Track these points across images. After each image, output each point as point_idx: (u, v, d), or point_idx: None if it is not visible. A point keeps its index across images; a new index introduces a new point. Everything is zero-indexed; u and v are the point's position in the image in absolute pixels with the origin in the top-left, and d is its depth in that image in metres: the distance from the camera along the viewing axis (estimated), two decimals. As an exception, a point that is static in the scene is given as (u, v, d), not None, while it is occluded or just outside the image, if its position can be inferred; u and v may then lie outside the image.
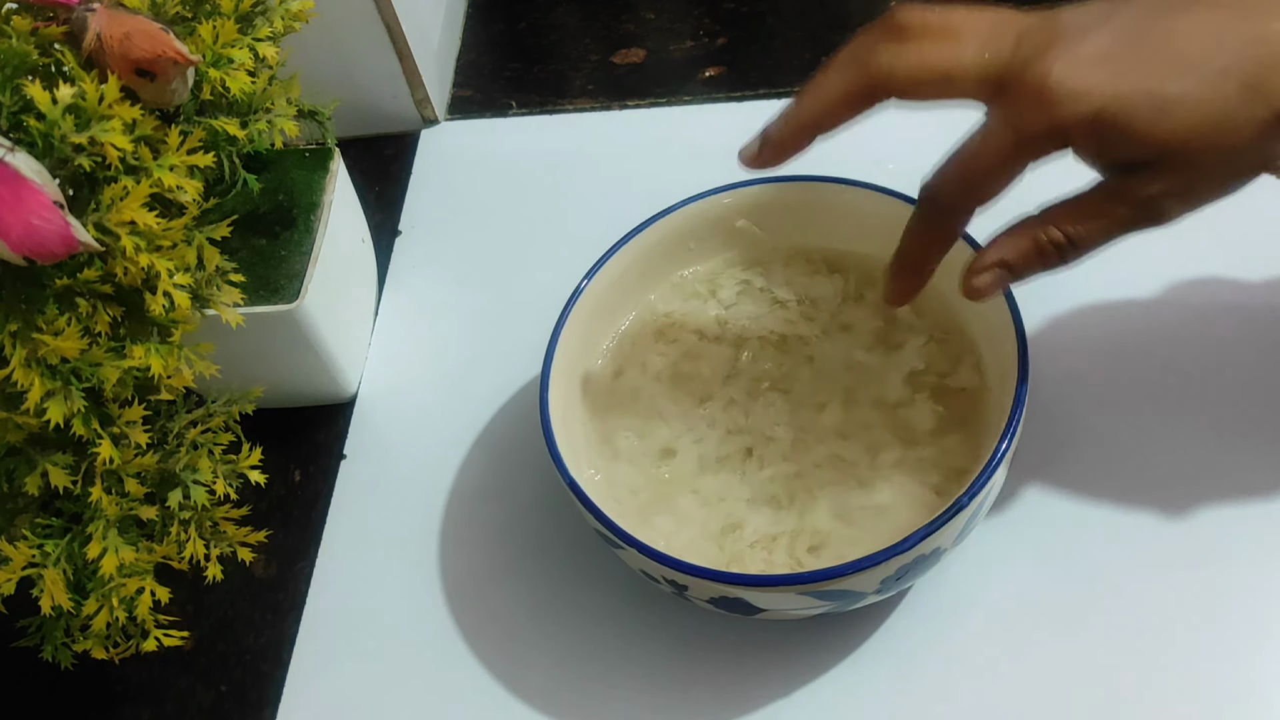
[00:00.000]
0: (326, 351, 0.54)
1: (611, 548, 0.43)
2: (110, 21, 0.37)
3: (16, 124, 0.36)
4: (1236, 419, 0.49)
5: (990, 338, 0.46)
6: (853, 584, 0.40)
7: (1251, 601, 0.45)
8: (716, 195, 0.50)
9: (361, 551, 0.52)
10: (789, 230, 0.51)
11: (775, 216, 0.51)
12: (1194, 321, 0.52)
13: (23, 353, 0.36)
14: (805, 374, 0.49)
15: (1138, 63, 0.35)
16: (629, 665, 0.47)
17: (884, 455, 0.46)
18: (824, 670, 0.46)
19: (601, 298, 0.49)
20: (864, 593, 0.41)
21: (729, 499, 0.46)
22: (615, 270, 0.49)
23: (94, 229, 0.36)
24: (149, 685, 0.50)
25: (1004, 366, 0.44)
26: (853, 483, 0.45)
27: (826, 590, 0.40)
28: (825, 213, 0.50)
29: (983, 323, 0.46)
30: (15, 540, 0.40)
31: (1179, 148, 0.35)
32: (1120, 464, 0.49)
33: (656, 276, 0.52)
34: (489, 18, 0.74)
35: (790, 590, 0.39)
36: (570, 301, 0.48)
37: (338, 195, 0.55)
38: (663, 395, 0.49)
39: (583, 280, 0.48)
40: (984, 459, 0.40)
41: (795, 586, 0.39)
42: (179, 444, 0.43)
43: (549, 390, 0.45)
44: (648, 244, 0.50)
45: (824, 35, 0.68)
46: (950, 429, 0.46)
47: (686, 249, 0.51)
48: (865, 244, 0.50)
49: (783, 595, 0.40)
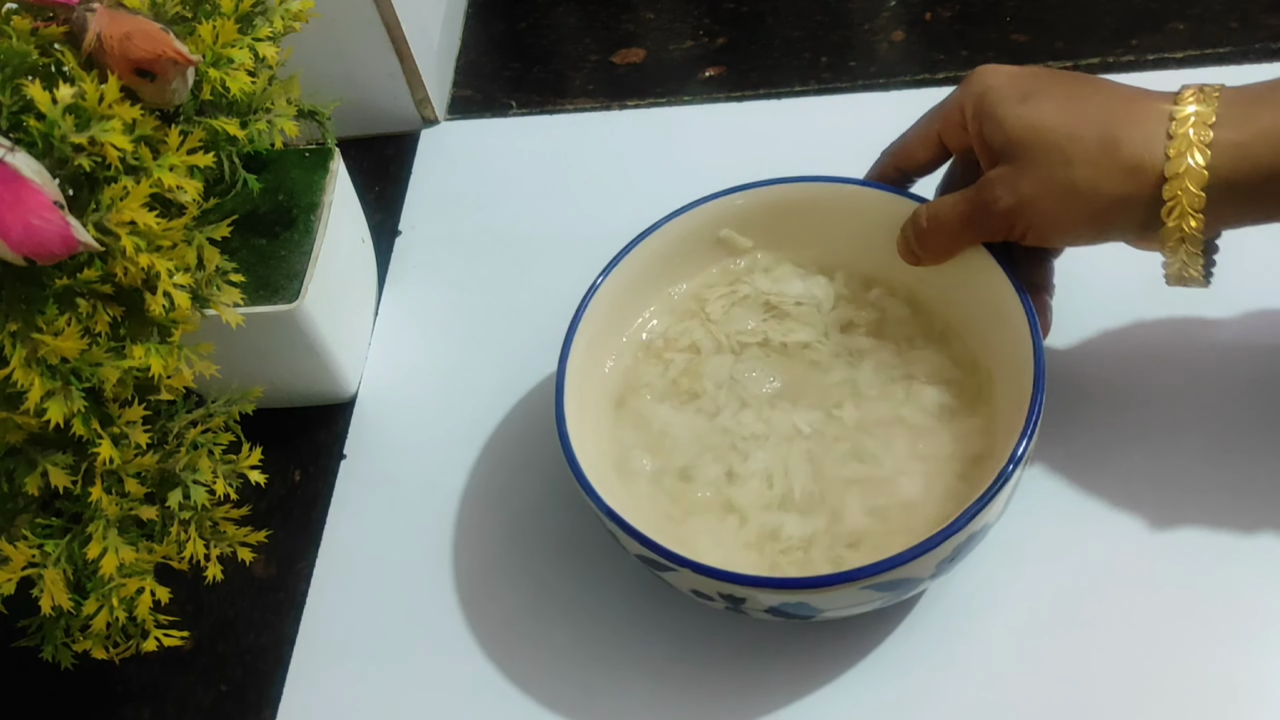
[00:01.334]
0: (326, 351, 0.54)
1: (657, 571, 0.43)
2: (110, 21, 0.37)
3: (16, 124, 0.36)
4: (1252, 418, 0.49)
5: (992, 323, 0.46)
6: (911, 571, 0.40)
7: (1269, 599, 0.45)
8: (697, 208, 0.50)
9: (361, 551, 0.52)
10: (773, 235, 0.51)
11: (757, 223, 0.51)
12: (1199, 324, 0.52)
13: (23, 352, 0.36)
14: (811, 377, 0.49)
15: (1038, 82, 0.42)
16: (629, 666, 0.47)
17: (901, 448, 0.46)
18: (838, 673, 0.46)
19: (597, 326, 0.48)
20: (920, 579, 0.41)
21: (757, 508, 0.45)
22: (605, 299, 0.48)
23: (94, 229, 0.36)
24: (149, 685, 0.50)
25: (1006, 349, 0.44)
26: (877, 479, 0.45)
27: (887, 581, 0.40)
28: (806, 214, 0.50)
29: (983, 310, 0.46)
30: (15, 540, 0.40)
31: (1027, 135, 0.40)
32: (1128, 456, 0.49)
33: (647, 297, 0.51)
34: (489, 18, 0.74)
35: (854, 586, 0.40)
36: (569, 337, 0.47)
37: (338, 195, 0.55)
38: (670, 414, 0.49)
39: (576, 313, 0.47)
40: (1000, 442, 0.41)
41: (859, 581, 0.39)
42: (179, 444, 0.43)
43: (566, 421, 0.44)
44: (632, 268, 0.49)
45: (823, 35, 0.68)
46: (961, 415, 0.46)
47: (673, 266, 0.51)
48: (850, 241, 0.50)
49: (845, 593, 0.40)
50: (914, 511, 0.44)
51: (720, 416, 0.48)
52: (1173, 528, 0.47)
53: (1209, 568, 0.45)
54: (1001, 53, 0.64)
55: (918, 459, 0.45)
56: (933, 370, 0.48)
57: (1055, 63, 0.63)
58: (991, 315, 0.46)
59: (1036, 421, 0.41)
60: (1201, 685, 0.43)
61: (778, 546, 0.44)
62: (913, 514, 0.44)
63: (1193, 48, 0.62)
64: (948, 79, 0.64)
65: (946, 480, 0.45)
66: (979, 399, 0.46)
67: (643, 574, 0.49)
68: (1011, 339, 0.44)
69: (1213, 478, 0.48)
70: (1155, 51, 0.63)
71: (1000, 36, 0.65)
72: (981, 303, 0.46)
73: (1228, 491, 0.47)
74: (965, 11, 0.67)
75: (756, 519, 0.45)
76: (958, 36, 0.66)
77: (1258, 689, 0.43)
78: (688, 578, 0.41)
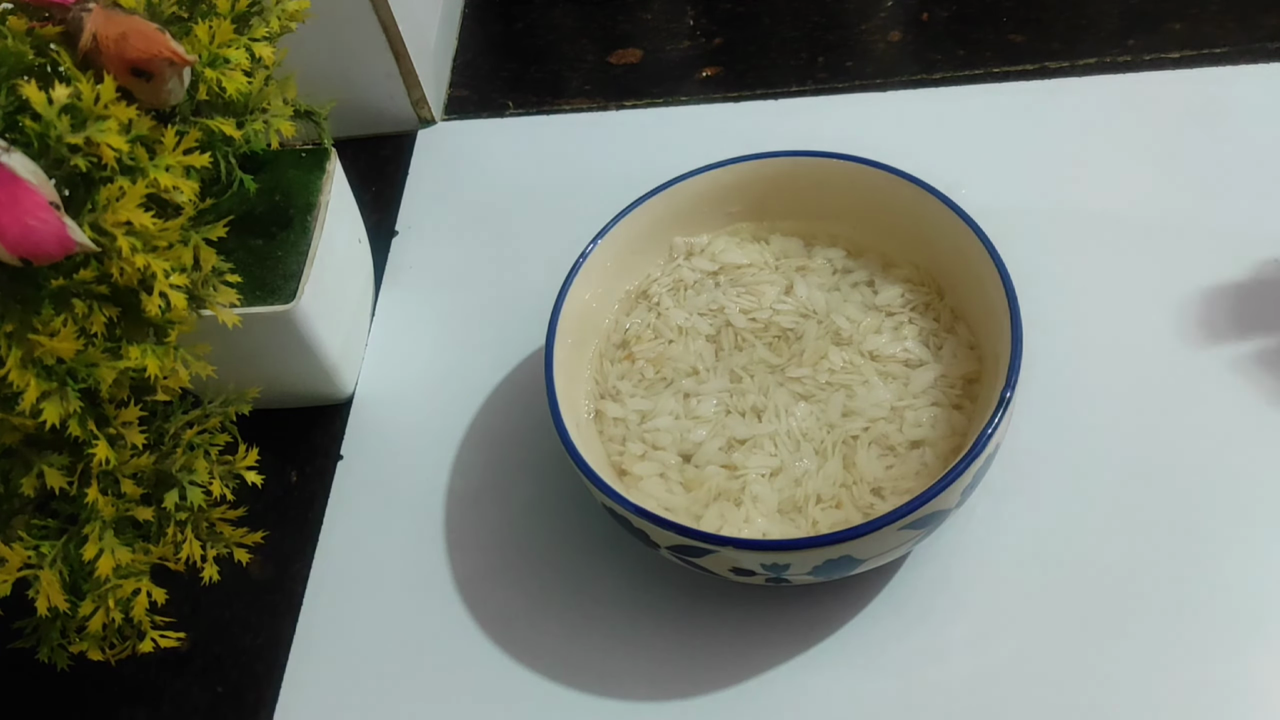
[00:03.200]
0: (323, 352, 0.54)
1: (692, 558, 0.43)
2: (106, 22, 0.37)
3: (12, 124, 0.36)
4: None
5: (955, 259, 0.48)
6: (941, 503, 0.41)
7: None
8: (643, 204, 0.51)
9: (358, 552, 0.52)
10: (717, 216, 0.53)
11: (704, 206, 0.52)
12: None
13: (19, 353, 0.36)
14: (788, 336, 0.50)
15: None
16: (630, 666, 0.47)
17: (894, 386, 0.47)
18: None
19: (571, 332, 0.49)
20: (949, 510, 0.42)
21: (777, 474, 0.46)
22: (574, 303, 0.49)
23: (90, 229, 0.36)
24: (145, 687, 0.50)
25: (958, 267, 0.48)
26: (881, 423, 0.46)
27: (921, 518, 0.41)
28: (741, 191, 0.52)
29: (949, 249, 0.48)
30: (11, 541, 0.40)
31: None
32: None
33: (607, 297, 0.52)
34: (486, 18, 0.74)
35: (892, 529, 0.40)
36: (549, 353, 0.47)
37: (334, 195, 0.55)
38: (656, 403, 0.49)
39: (549, 328, 0.48)
40: (988, 357, 0.44)
41: (896, 523, 0.40)
42: (175, 445, 0.43)
43: (567, 431, 0.45)
44: (595, 269, 0.50)
45: (819, 35, 0.68)
46: (943, 340, 0.48)
47: (628, 259, 0.52)
48: (791, 209, 0.52)
49: (884, 537, 0.41)
50: (922, 452, 0.45)
51: (706, 397, 0.49)
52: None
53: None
54: (998, 53, 0.65)
55: (914, 395, 0.47)
56: (899, 301, 0.50)
57: (1052, 63, 0.63)
58: (933, 233, 0.48)
59: (1019, 346, 0.43)
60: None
61: (811, 506, 0.45)
62: (924, 450, 0.45)
63: (1190, 48, 0.63)
64: (945, 79, 0.64)
65: (945, 409, 0.46)
66: (956, 320, 0.48)
67: (643, 572, 0.49)
68: (964, 258, 0.47)
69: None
70: (1152, 52, 0.63)
71: (997, 37, 0.66)
72: (955, 249, 0.48)
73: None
74: (962, 12, 0.67)
75: (776, 485, 0.46)
76: (955, 37, 0.66)
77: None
78: (728, 557, 0.41)
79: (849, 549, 0.41)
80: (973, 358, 0.47)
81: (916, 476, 0.45)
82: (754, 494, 0.46)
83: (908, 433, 0.46)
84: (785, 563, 0.41)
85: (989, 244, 0.46)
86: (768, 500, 0.45)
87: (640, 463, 0.48)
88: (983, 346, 0.47)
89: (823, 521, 0.45)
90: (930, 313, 0.49)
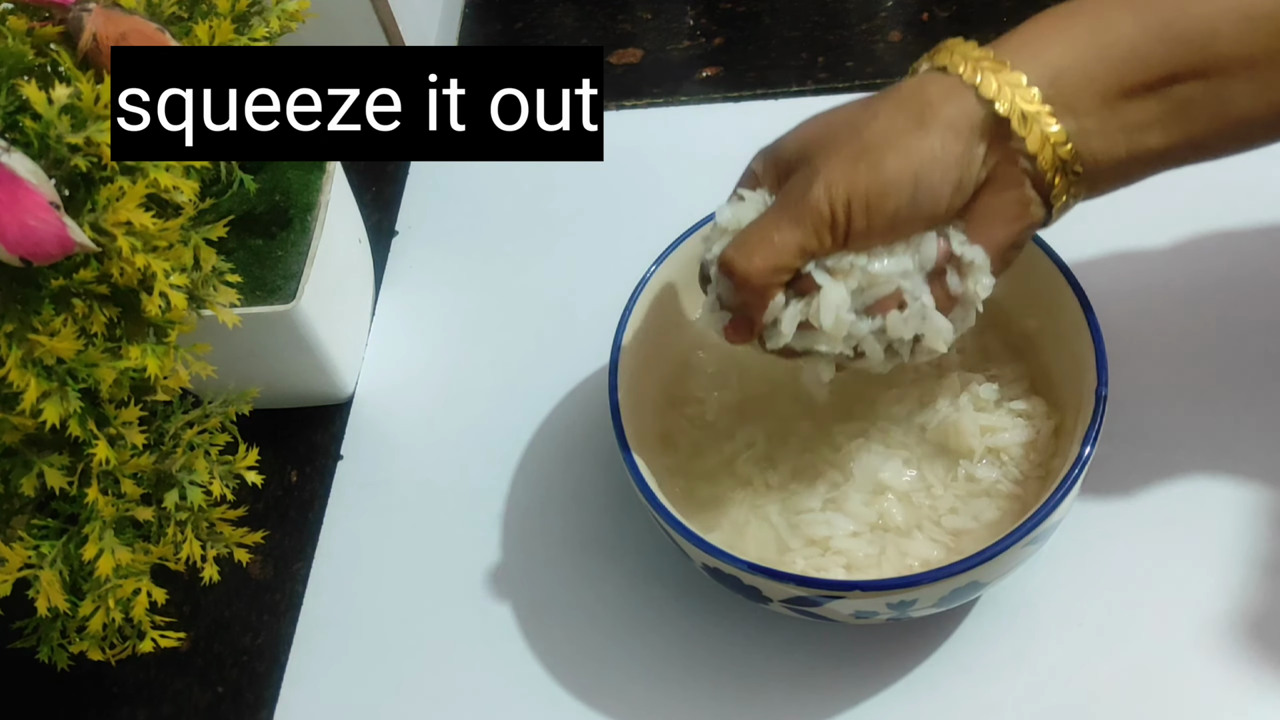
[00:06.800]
0: (323, 352, 0.54)
1: (755, 602, 0.42)
2: (106, 22, 0.37)
3: (12, 124, 0.36)
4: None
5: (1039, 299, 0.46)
6: (1049, 521, 0.40)
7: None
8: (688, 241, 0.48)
9: (358, 552, 0.52)
10: None
11: None
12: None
13: (19, 353, 0.36)
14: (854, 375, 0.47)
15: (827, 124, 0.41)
16: (630, 665, 0.47)
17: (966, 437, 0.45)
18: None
19: (630, 366, 0.47)
20: (1058, 524, 0.42)
21: (858, 504, 0.45)
22: (629, 337, 0.47)
23: (90, 229, 0.36)
24: (145, 686, 0.50)
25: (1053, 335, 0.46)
26: (950, 451, 0.45)
27: (1041, 533, 0.40)
28: None
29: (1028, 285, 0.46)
30: (11, 541, 0.40)
31: (815, 140, 0.40)
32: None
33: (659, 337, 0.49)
34: (486, 18, 0.74)
35: (1018, 545, 0.39)
36: (612, 377, 0.46)
37: (334, 195, 0.54)
38: (725, 435, 0.48)
39: (613, 353, 0.46)
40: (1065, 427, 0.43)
41: (1022, 540, 0.39)
42: (175, 445, 0.43)
43: (635, 461, 0.43)
44: (650, 296, 0.48)
45: (820, 35, 0.68)
46: (1018, 396, 0.47)
47: (681, 295, 0.50)
48: None
49: (1010, 556, 0.40)
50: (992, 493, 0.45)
51: (773, 439, 0.47)
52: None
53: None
54: (998, 53, 0.64)
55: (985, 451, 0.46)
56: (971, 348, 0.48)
57: (1052, 63, 0.63)
58: (1039, 291, 0.46)
59: (1104, 370, 0.42)
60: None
61: (901, 537, 0.44)
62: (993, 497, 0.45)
63: (1189, 48, 0.62)
64: (944, 79, 0.64)
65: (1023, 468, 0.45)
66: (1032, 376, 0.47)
67: (644, 572, 0.49)
68: (1058, 319, 0.45)
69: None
70: (1152, 52, 0.63)
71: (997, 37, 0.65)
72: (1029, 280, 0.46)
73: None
74: (962, 13, 0.67)
75: (865, 515, 0.45)
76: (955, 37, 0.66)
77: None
78: (852, 602, 0.40)
79: (973, 575, 0.40)
80: (1049, 417, 0.46)
81: (988, 509, 0.44)
82: (846, 522, 0.45)
83: (980, 479, 0.45)
84: (911, 597, 0.40)
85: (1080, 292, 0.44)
86: (857, 519, 0.45)
87: (706, 493, 0.46)
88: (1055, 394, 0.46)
89: (914, 549, 0.44)
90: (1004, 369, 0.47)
